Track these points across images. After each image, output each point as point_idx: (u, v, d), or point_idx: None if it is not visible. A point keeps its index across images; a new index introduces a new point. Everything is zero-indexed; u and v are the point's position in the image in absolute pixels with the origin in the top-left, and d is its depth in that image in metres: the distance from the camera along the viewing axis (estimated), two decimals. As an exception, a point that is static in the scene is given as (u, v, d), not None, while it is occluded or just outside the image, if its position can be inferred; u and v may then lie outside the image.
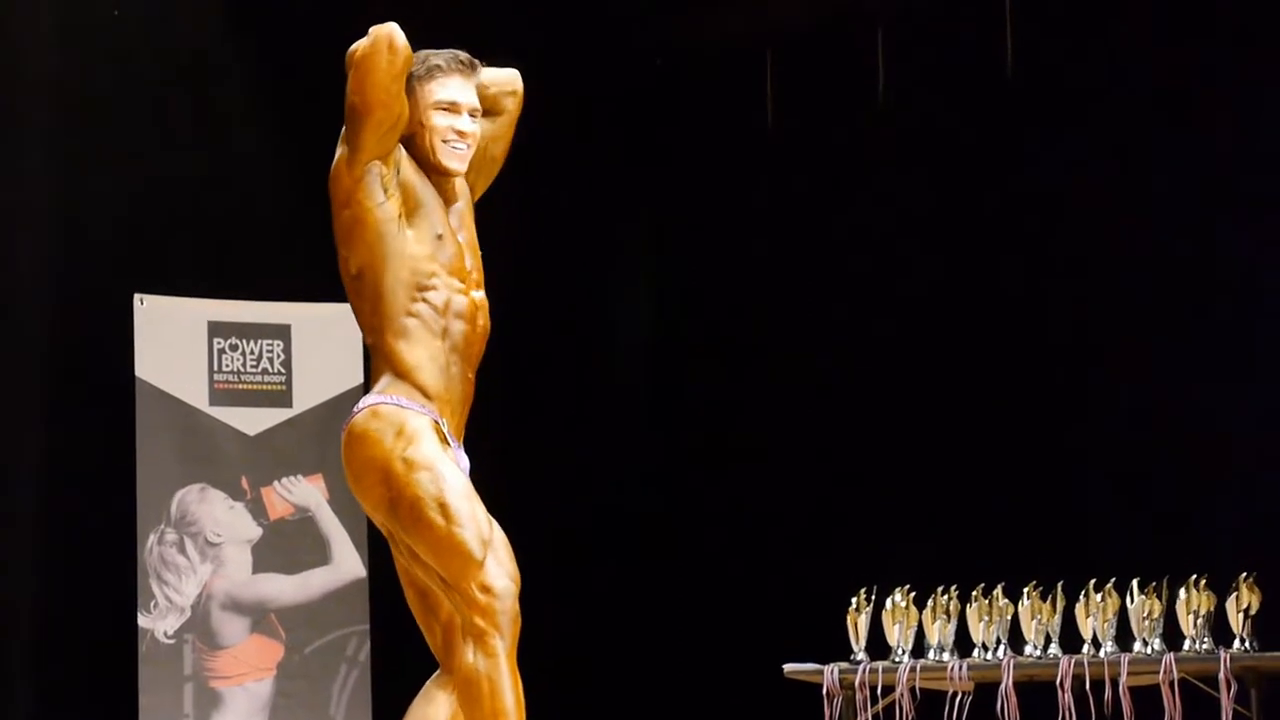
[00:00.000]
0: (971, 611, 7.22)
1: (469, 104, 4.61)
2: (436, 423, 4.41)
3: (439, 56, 4.60)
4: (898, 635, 7.29)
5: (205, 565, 7.88)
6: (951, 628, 7.25)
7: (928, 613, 7.26)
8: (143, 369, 7.94)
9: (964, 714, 7.12)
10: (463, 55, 4.62)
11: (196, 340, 8.07)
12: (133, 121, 8.38)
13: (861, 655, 7.32)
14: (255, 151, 8.60)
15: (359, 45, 4.43)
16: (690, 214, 9.16)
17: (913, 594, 7.30)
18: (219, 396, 8.05)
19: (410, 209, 4.51)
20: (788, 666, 7.37)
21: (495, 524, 4.34)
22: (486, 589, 4.25)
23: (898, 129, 8.69)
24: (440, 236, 4.53)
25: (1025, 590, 7.13)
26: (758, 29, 8.98)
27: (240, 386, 8.09)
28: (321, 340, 8.16)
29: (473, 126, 4.61)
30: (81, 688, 7.79)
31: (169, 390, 7.98)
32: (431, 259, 4.50)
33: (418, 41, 4.50)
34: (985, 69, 8.37)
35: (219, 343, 8.09)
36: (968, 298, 8.47)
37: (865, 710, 7.21)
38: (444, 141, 4.57)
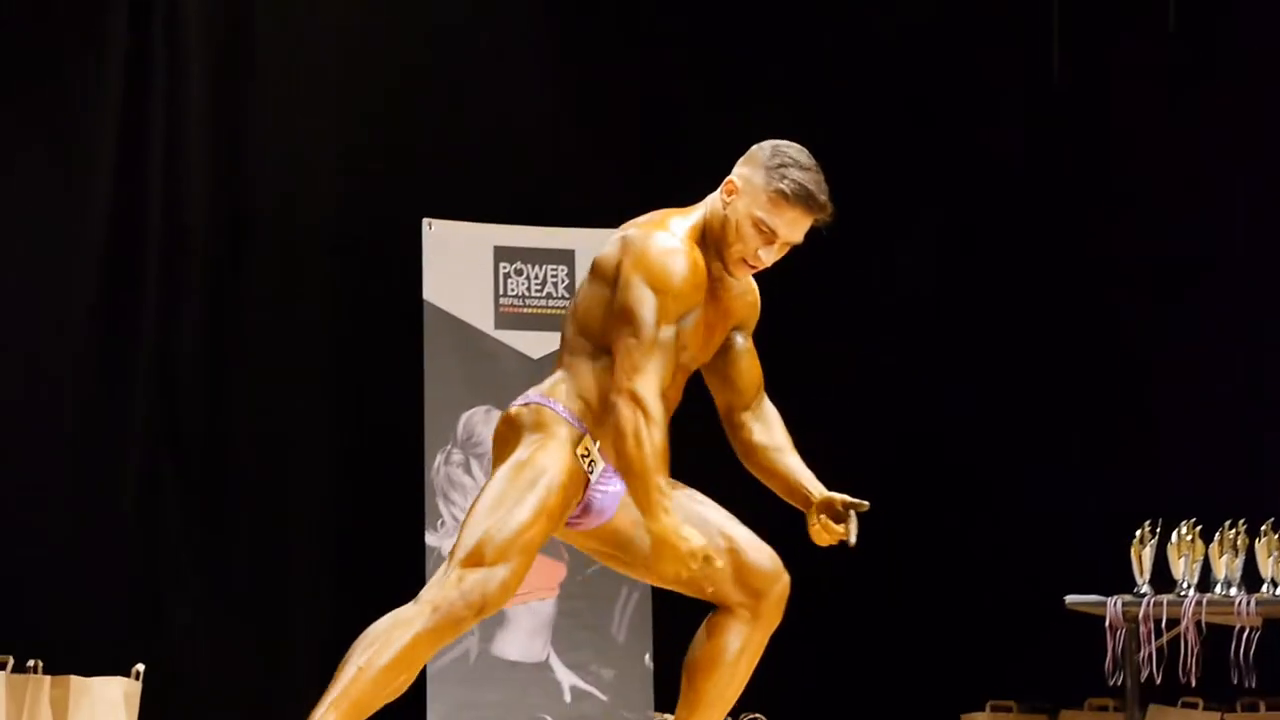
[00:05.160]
0: (1260, 546, 7.09)
1: (789, 239, 4.47)
2: (585, 435, 4.44)
3: (791, 181, 4.41)
4: (1183, 569, 7.18)
5: (491, 486, 7.99)
6: (1239, 562, 7.13)
7: (1214, 547, 7.14)
8: (430, 293, 8.06)
9: (1251, 649, 7.00)
10: (820, 196, 4.43)
11: (483, 265, 8.17)
12: (421, 50, 8.51)
13: (1145, 588, 7.22)
14: (543, 79, 8.69)
15: (635, 444, 4.29)
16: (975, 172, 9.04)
17: (1199, 527, 7.18)
18: (504, 320, 8.15)
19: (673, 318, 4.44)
20: (1070, 598, 7.29)
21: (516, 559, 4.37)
22: (460, 580, 4.36)
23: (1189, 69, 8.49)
24: (684, 347, 4.47)
25: (1317, 526, 7.00)
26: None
27: (525, 310, 8.19)
28: (605, 265, 8.21)
29: (776, 256, 4.49)
30: (371, 604, 7.91)
31: (456, 314, 8.09)
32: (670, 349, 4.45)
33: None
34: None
35: (505, 267, 8.19)
36: (1256, 244, 8.28)
37: (1149, 643, 7.12)
38: (740, 260, 4.48)
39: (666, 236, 4.45)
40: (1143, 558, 7.23)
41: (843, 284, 8.86)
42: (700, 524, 4.50)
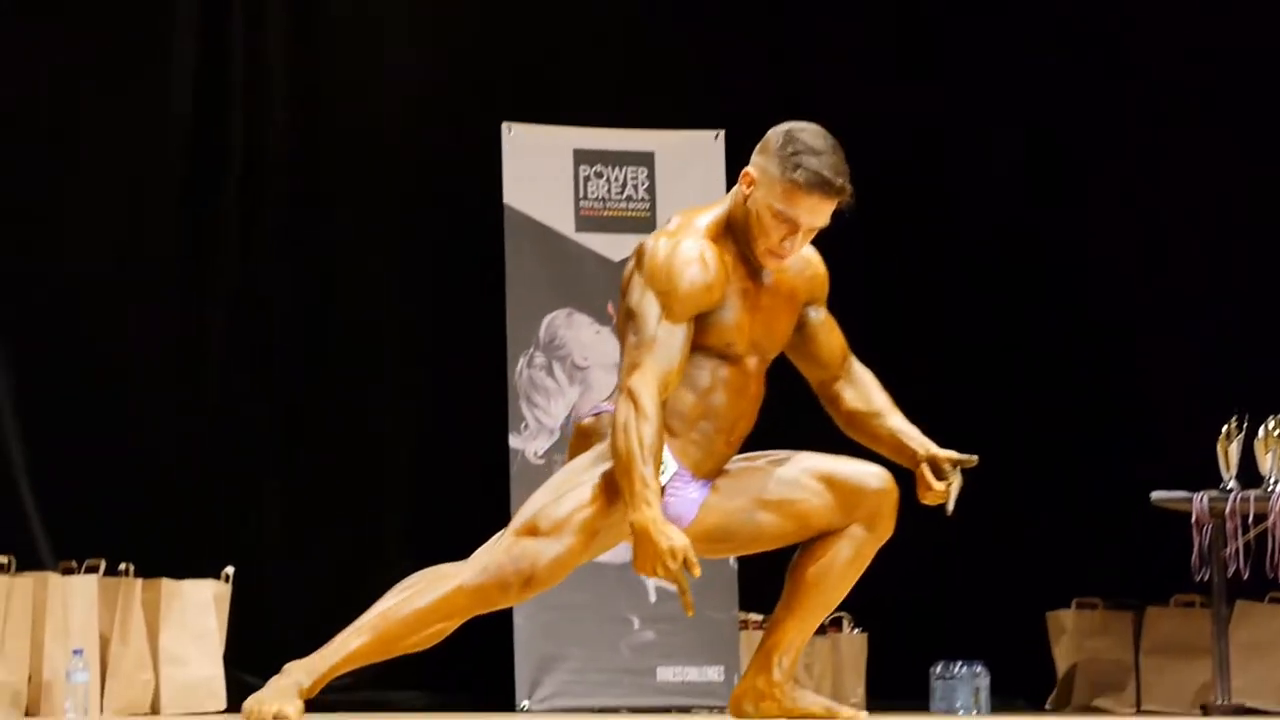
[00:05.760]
0: (1348, 441, 7.05)
1: (811, 225, 4.42)
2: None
3: (805, 170, 4.35)
4: (1270, 464, 7.14)
5: (573, 388, 8.02)
6: (1327, 457, 7.09)
7: (1302, 441, 7.11)
8: (511, 197, 8.06)
9: (1338, 544, 6.97)
10: (835, 181, 4.37)
11: (562, 168, 8.16)
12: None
13: (1232, 484, 7.18)
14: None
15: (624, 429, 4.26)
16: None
17: (1287, 422, 7.14)
18: (584, 223, 8.15)
19: (703, 327, 4.42)
20: (1156, 495, 7.27)
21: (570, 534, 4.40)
22: (514, 545, 4.38)
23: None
24: (729, 344, 4.46)
25: (1404, 419, 6.94)
26: None
27: (605, 213, 8.17)
28: (684, 167, 8.19)
29: (802, 244, 4.44)
30: (455, 507, 8.01)
31: (536, 217, 8.09)
32: (705, 351, 4.45)
33: None
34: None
35: (584, 170, 8.18)
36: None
37: (1236, 539, 7.09)
38: (767, 251, 4.44)
39: (675, 239, 4.43)
40: (1229, 453, 7.20)
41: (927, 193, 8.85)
42: (785, 485, 4.52)
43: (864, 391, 4.68)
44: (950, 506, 4.57)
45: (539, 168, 8.11)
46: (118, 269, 7.73)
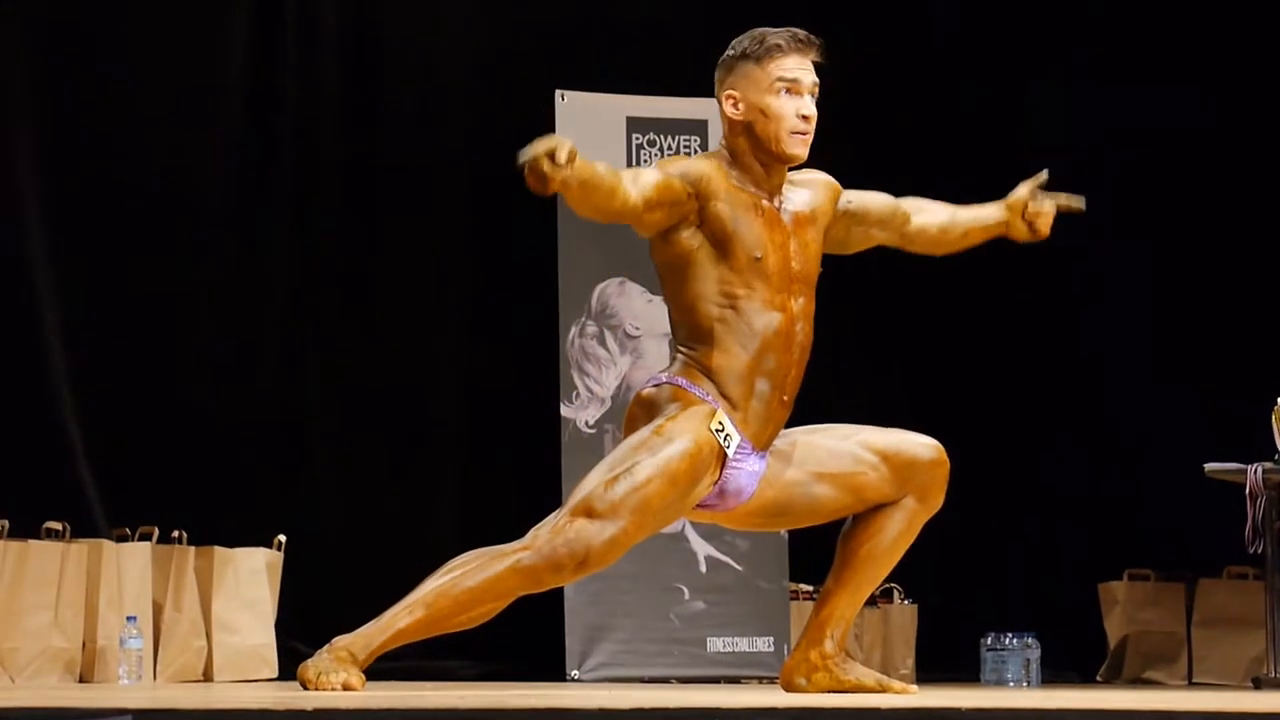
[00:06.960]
0: (1404, 413, 7.00)
1: (811, 82, 4.54)
2: (717, 410, 4.47)
3: (777, 35, 4.54)
4: (1324, 435, 7.10)
5: (625, 357, 8.01)
6: (1382, 429, 7.05)
7: (1356, 413, 7.06)
8: (564, 165, 8.04)
9: (1394, 516, 6.93)
10: (800, 33, 4.55)
11: (615, 135, 8.14)
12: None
13: (1286, 455, 7.15)
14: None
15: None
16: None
17: (1341, 394, 7.10)
18: (637, 191, 8.12)
19: (722, 238, 4.49)
20: (1209, 466, 7.24)
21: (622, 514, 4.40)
22: (568, 526, 4.38)
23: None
24: (758, 258, 4.50)
25: None
26: None
27: (658, 182, 8.15)
28: (737, 136, 8.16)
29: (814, 108, 4.54)
30: (506, 476, 8.03)
31: (589, 185, 8.07)
32: (744, 280, 4.49)
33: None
34: None
35: (637, 138, 8.17)
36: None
37: (1289, 511, 7.06)
38: (791, 133, 4.52)
39: None
40: (1284, 425, 7.16)
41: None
42: (841, 459, 4.58)
43: (932, 208, 4.85)
44: (1078, 204, 4.75)
45: (592, 135, 8.07)
46: (169, 239, 7.74)
